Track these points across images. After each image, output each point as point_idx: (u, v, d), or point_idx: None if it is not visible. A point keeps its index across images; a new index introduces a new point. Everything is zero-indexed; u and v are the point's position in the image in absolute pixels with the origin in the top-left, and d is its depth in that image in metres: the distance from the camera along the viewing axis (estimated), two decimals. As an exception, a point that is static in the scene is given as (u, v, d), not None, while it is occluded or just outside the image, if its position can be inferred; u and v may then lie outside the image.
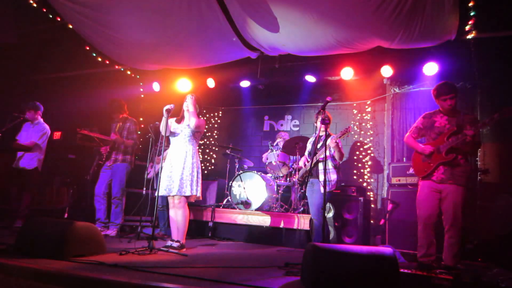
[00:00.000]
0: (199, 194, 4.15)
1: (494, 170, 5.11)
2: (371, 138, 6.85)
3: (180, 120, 4.33)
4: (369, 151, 6.83)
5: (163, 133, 4.17)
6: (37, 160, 5.55)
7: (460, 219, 3.60)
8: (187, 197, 4.10)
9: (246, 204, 5.97)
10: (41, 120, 5.74)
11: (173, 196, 4.08)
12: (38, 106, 5.74)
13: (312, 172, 4.68)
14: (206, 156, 8.32)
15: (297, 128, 7.75)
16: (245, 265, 3.48)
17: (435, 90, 3.86)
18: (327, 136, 4.68)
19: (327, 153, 4.66)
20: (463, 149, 3.68)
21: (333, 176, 4.66)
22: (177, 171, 4.07)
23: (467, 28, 4.66)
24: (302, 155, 5.36)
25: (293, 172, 6.31)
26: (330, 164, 4.68)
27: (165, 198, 4.81)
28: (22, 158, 5.48)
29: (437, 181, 3.73)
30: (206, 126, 4.77)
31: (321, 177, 4.35)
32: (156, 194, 4.02)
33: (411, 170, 4.99)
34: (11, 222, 5.31)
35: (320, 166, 4.46)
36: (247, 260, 3.93)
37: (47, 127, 5.72)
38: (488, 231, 4.73)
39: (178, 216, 4.10)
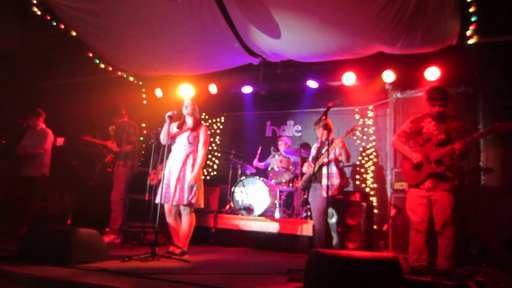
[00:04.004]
0: (199, 201, 4.09)
1: (497, 174, 5.09)
2: (374, 143, 6.84)
3: (181, 125, 4.31)
4: (371, 156, 6.82)
5: (163, 141, 4.14)
6: (44, 165, 5.59)
7: (452, 221, 3.62)
8: (190, 205, 4.07)
9: (249, 210, 5.96)
10: (43, 125, 5.78)
11: (174, 205, 4.07)
12: (40, 112, 5.79)
13: (316, 176, 4.69)
14: (208, 162, 8.32)
15: (300, 134, 7.75)
16: (248, 271, 3.47)
17: (426, 93, 3.87)
18: (331, 141, 4.70)
19: (331, 157, 4.68)
20: (450, 159, 3.71)
21: (336, 181, 4.67)
22: (176, 179, 4.03)
23: (468, 33, 4.66)
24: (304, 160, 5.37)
25: (295, 178, 6.31)
26: (334, 169, 4.68)
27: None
28: (29, 165, 5.51)
29: (424, 189, 3.77)
30: (209, 132, 4.77)
31: (324, 182, 4.35)
32: (157, 201, 4.02)
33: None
34: (16, 229, 5.32)
35: (324, 170, 4.46)
36: (250, 266, 3.92)
37: (49, 131, 5.76)
38: (492, 236, 4.71)
39: (183, 223, 4.08)
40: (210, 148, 8.41)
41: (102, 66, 6.75)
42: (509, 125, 3.37)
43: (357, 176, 6.85)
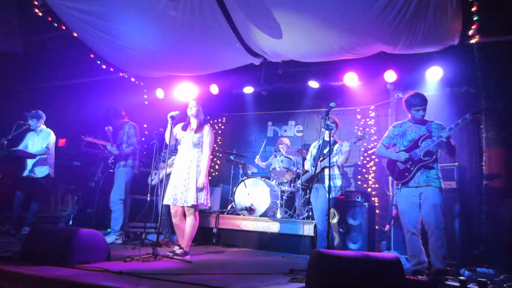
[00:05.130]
0: (204, 202, 4.11)
1: (500, 175, 5.07)
2: (375, 144, 6.83)
3: (186, 126, 4.31)
4: (373, 156, 6.81)
5: (167, 141, 4.16)
6: (48, 167, 5.61)
7: (442, 220, 3.67)
8: (194, 206, 4.07)
9: (250, 210, 5.96)
10: (44, 127, 5.80)
11: (180, 205, 4.07)
12: (41, 114, 5.79)
13: (318, 177, 4.68)
14: (210, 162, 8.32)
15: (301, 134, 7.75)
16: (250, 271, 3.46)
17: (407, 101, 3.98)
18: (334, 142, 4.71)
19: (335, 159, 4.68)
20: (437, 153, 3.85)
21: (339, 182, 4.67)
22: (182, 180, 4.05)
23: (470, 32, 4.65)
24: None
25: (297, 178, 6.30)
26: (336, 170, 4.69)
27: (168, 206, 4.80)
28: (33, 166, 5.52)
29: (414, 186, 3.82)
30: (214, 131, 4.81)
31: (327, 183, 4.36)
32: (160, 202, 4.02)
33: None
34: (18, 230, 5.33)
35: (326, 171, 4.46)
36: (252, 266, 3.92)
37: (52, 132, 5.77)
38: (494, 236, 4.69)
39: (186, 223, 4.09)
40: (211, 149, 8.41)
41: (104, 67, 6.77)
42: (490, 108, 3.60)
43: (359, 177, 6.84)
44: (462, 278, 3.21)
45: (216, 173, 8.32)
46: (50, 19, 5.71)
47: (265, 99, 7.52)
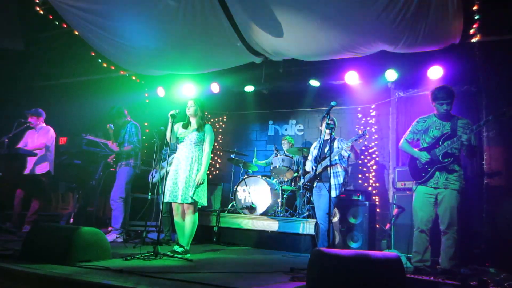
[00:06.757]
0: (204, 200, 4.14)
1: (500, 174, 5.07)
2: (376, 142, 6.83)
3: (186, 125, 4.33)
4: (374, 155, 6.81)
5: (168, 139, 4.19)
6: (48, 163, 5.62)
7: (456, 222, 3.67)
8: (193, 204, 4.09)
9: (251, 209, 5.97)
10: (44, 124, 5.80)
11: (179, 203, 4.09)
12: (41, 112, 5.80)
13: (320, 176, 4.69)
14: (210, 161, 8.31)
15: (302, 133, 7.75)
16: (250, 270, 3.47)
17: (432, 94, 3.94)
18: (333, 138, 4.71)
19: (336, 157, 4.68)
20: (459, 153, 3.79)
21: (341, 180, 4.68)
22: (182, 178, 4.06)
23: (471, 31, 4.64)
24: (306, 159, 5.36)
25: (297, 177, 6.30)
26: (339, 167, 4.69)
27: (169, 204, 4.81)
28: (33, 163, 5.53)
29: (432, 186, 3.80)
30: (214, 130, 4.80)
31: (331, 181, 4.39)
32: (161, 200, 4.02)
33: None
34: (19, 228, 5.34)
35: (328, 170, 4.47)
36: (252, 265, 3.92)
37: (51, 129, 5.78)
38: (495, 235, 4.69)
39: (186, 222, 4.10)
40: (212, 147, 8.41)
41: (105, 65, 6.77)
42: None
43: (360, 175, 6.84)
44: (462, 276, 3.22)
45: (217, 171, 8.33)
46: (51, 17, 5.72)
47: (266, 98, 7.52)
